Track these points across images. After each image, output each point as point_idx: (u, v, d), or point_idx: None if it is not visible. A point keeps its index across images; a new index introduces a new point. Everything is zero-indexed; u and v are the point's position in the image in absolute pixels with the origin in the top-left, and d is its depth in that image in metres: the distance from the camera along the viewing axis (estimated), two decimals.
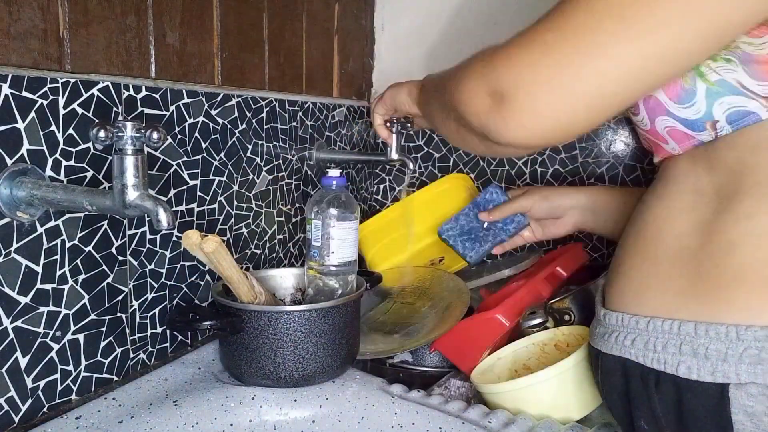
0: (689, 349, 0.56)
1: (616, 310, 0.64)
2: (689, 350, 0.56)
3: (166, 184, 0.80)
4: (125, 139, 0.55)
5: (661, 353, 0.58)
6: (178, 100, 0.81)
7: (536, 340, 0.88)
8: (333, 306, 0.77)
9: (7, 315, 0.62)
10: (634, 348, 0.60)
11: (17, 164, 0.61)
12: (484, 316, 0.88)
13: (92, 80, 0.68)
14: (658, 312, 0.59)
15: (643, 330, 0.60)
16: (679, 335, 0.57)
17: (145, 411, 0.68)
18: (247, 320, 0.74)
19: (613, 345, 0.63)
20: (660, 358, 0.58)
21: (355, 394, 0.77)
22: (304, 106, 1.11)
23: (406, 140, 1.36)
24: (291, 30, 1.06)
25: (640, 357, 0.60)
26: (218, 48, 0.88)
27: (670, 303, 0.59)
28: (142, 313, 0.78)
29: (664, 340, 0.58)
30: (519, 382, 0.75)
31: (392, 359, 0.98)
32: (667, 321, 0.58)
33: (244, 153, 0.95)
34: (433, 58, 1.32)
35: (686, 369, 0.56)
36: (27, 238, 0.63)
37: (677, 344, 0.57)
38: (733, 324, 0.54)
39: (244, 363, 0.76)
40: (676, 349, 0.57)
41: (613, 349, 0.63)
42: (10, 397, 0.63)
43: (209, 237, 0.68)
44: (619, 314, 0.63)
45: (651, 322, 0.59)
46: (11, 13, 0.59)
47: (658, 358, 0.58)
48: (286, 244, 1.10)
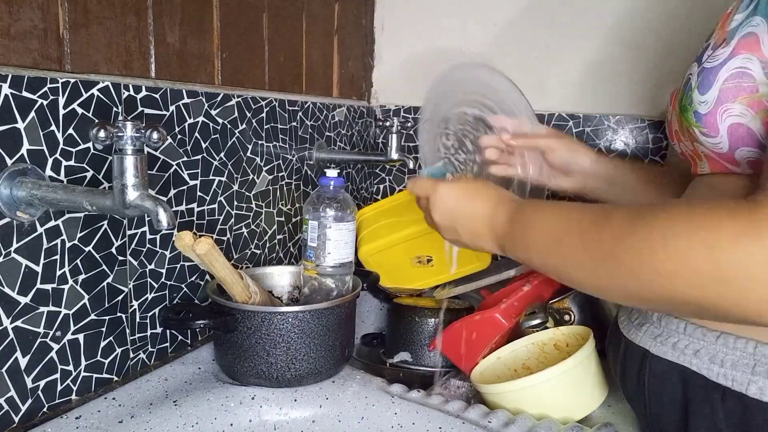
0: (764, 370, 0.54)
1: (677, 317, 0.62)
2: (764, 371, 0.54)
3: (166, 184, 0.80)
4: (125, 139, 0.55)
5: (729, 369, 0.56)
6: (178, 100, 0.81)
7: (536, 339, 0.88)
8: (327, 307, 0.77)
9: (7, 315, 0.62)
10: (698, 359, 0.58)
11: (17, 164, 0.61)
12: (484, 316, 0.88)
13: (92, 80, 0.68)
14: (729, 328, 0.57)
15: (711, 343, 0.57)
16: (753, 355, 0.55)
17: (145, 411, 0.68)
18: (241, 320, 0.74)
19: (670, 351, 0.61)
20: (728, 374, 0.56)
21: (355, 394, 0.77)
22: (304, 106, 1.11)
23: (406, 140, 1.36)
24: (291, 30, 1.06)
25: (703, 369, 0.58)
26: (218, 48, 0.88)
27: None
28: (142, 313, 0.78)
29: (735, 357, 0.56)
30: (519, 383, 0.75)
31: (392, 359, 0.98)
32: (741, 339, 0.55)
33: (244, 153, 0.95)
34: (434, 58, 1.32)
35: (757, 389, 0.54)
36: (27, 238, 0.63)
37: (750, 364, 0.55)
38: None
39: (237, 362, 0.76)
40: (749, 369, 0.55)
41: (670, 355, 0.61)
42: (10, 397, 0.63)
43: (202, 239, 0.68)
44: (681, 321, 0.61)
45: (722, 336, 0.57)
46: (11, 13, 0.59)
47: (725, 374, 0.56)
48: (286, 244, 1.10)
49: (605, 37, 1.18)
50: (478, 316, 0.88)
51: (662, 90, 1.16)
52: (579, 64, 1.21)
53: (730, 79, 0.54)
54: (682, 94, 0.61)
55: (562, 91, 1.23)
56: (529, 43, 1.23)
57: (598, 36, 1.19)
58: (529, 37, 1.23)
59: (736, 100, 0.54)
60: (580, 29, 1.19)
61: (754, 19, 0.54)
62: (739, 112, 0.54)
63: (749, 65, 0.53)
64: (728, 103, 0.55)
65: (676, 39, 1.13)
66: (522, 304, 0.89)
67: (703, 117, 0.57)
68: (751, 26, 0.54)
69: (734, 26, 0.56)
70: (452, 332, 0.89)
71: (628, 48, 1.17)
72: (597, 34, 1.19)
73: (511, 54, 1.25)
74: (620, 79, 1.18)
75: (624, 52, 1.17)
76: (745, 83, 0.54)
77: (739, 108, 0.54)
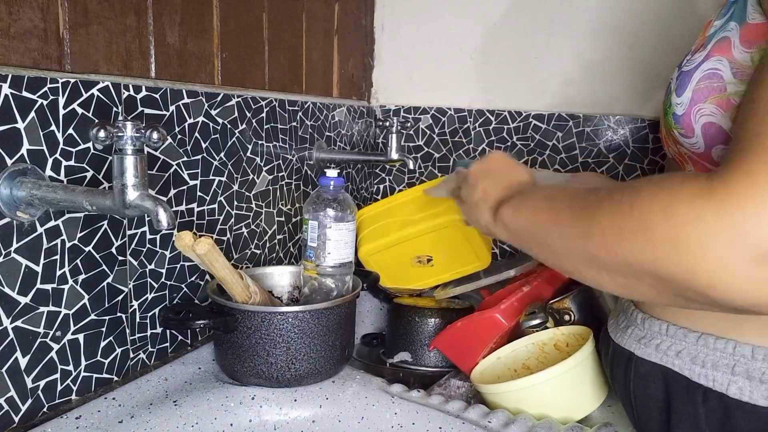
0: (743, 370, 0.55)
1: (659, 318, 0.63)
2: (743, 372, 0.55)
3: (166, 184, 0.80)
4: (125, 139, 0.55)
5: (710, 370, 0.57)
6: (178, 100, 0.81)
7: (536, 339, 0.88)
8: (327, 307, 0.77)
9: (7, 315, 0.62)
10: (680, 360, 0.59)
11: (17, 164, 0.61)
12: (484, 315, 0.88)
13: (92, 80, 0.68)
14: (709, 329, 0.58)
15: (692, 344, 0.59)
16: (733, 356, 0.56)
17: (145, 411, 0.68)
18: (241, 320, 0.74)
19: (653, 352, 0.62)
20: (709, 375, 0.57)
21: (355, 394, 0.77)
22: (304, 106, 1.11)
23: (406, 140, 1.36)
24: (291, 30, 1.06)
25: (685, 370, 0.59)
26: (218, 48, 0.88)
27: (725, 321, 0.57)
28: (142, 313, 0.78)
29: (715, 357, 0.57)
30: (519, 383, 0.75)
31: (392, 359, 0.98)
32: (721, 340, 0.57)
33: (244, 153, 0.95)
34: (434, 58, 1.32)
35: (737, 390, 0.55)
36: (27, 238, 0.63)
37: (730, 364, 0.56)
38: None
39: (237, 362, 0.76)
40: (728, 369, 0.56)
41: (653, 356, 0.62)
42: (10, 397, 0.63)
43: (202, 239, 0.68)
44: (663, 322, 0.62)
45: (702, 337, 0.58)
46: (11, 13, 0.59)
47: (706, 375, 0.57)
48: (286, 244, 1.10)
49: (605, 37, 1.18)
50: (479, 317, 0.88)
51: (662, 90, 1.16)
52: (579, 64, 1.21)
53: (703, 80, 0.56)
54: (665, 98, 0.63)
55: (562, 91, 1.23)
56: (529, 43, 1.23)
57: (598, 36, 1.19)
58: (529, 37, 1.23)
59: (707, 100, 0.55)
60: (580, 29, 1.20)
61: (729, 24, 0.56)
62: (710, 112, 0.55)
63: (720, 66, 0.55)
64: (701, 104, 0.56)
65: (677, 39, 1.13)
66: (522, 304, 0.89)
67: (680, 118, 0.58)
68: (726, 31, 0.56)
69: (712, 32, 0.58)
70: (452, 332, 0.89)
71: (628, 48, 1.17)
72: (597, 34, 1.19)
73: (511, 54, 1.25)
74: (620, 79, 1.18)
75: (624, 52, 1.17)
76: (715, 83, 0.55)
77: (710, 108, 0.55)
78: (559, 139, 1.24)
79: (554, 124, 1.24)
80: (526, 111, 1.26)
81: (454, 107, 1.32)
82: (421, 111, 1.34)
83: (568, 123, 1.23)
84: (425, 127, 1.35)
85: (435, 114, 1.33)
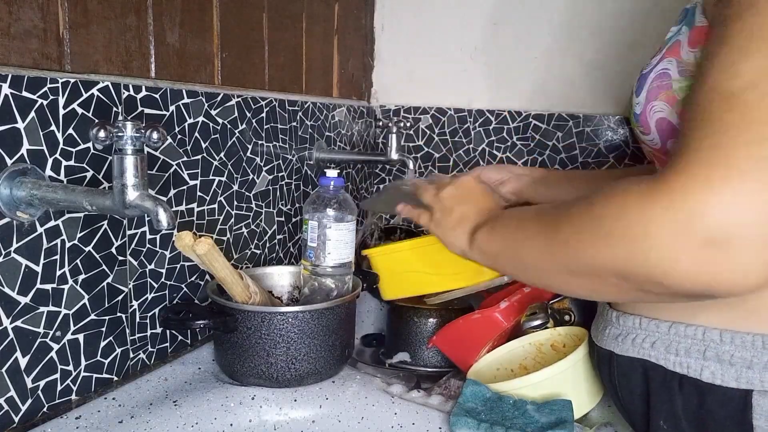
0: (713, 354, 0.57)
1: (632, 313, 0.65)
2: (713, 356, 0.57)
3: (166, 184, 0.80)
4: (125, 139, 0.55)
5: (683, 357, 0.59)
6: (178, 100, 0.81)
7: (533, 340, 0.88)
8: (327, 307, 0.77)
9: (7, 315, 0.62)
10: (655, 350, 0.61)
11: (17, 164, 0.61)
12: (483, 314, 0.88)
13: (92, 80, 0.68)
14: (678, 317, 0.60)
15: (665, 334, 0.61)
16: (703, 341, 0.58)
17: (145, 411, 0.69)
18: (241, 320, 0.74)
19: (630, 347, 0.64)
20: (683, 362, 0.59)
21: (355, 394, 0.77)
22: (304, 106, 1.11)
23: (406, 140, 1.36)
24: (291, 30, 1.06)
25: (661, 360, 0.61)
26: (218, 48, 0.88)
27: (691, 308, 0.59)
28: (142, 313, 0.78)
29: (687, 344, 0.59)
30: (516, 382, 0.75)
31: (392, 359, 0.98)
32: (691, 327, 0.59)
33: (244, 153, 0.95)
34: (434, 58, 1.32)
35: (710, 374, 0.57)
36: (27, 238, 0.63)
37: (701, 350, 0.58)
38: (759, 333, 0.55)
39: (237, 362, 0.76)
40: (700, 355, 0.58)
41: (631, 351, 0.64)
42: (10, 397, 0.63)
43: (202, 239, 0.68)
44: (636, 317, 0.64)
45: (673, 326, 0.60)
46: (11, 13, 0.59)
47: (680, 362, 0.59)
48: (286, 244, 1.10)
49: (605, 37, 1.18)
50: (478, 316, 0.88)
51: None
52: (579, 64, 1.21)
53: (655, 80, 0.60)
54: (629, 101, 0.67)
55: (562, 91, 1.23)
56: (529, 43, 1.23)
57: (597, 36, 1.19)
58: (529, 37, 1.23)
59: (658, 97, 0.59)
60: (579, 29, 1.20)
61: (682, 29, 0.60)
62: (661, 108, 0.59)
63: (669, 66, 0.59)
64: (653, 101, 0.59)
65: None
66: (522, 304, 0.89)
67: (639, 117, 0.61)
68: (679, 35, 0.60)
69: (669, 36, 0.62)
70: (452, 330, 0.89)
71: (627, 48, 1.17)
72: (597, 34, 1.19)
73: (511, 54, 1.25)
74: (620, 79, 1.18)
75: (624, 52, 1.17)
76: (664, 82, 0.59)
77: (660, 104, 0.59)
78: (559, 139, 1.24)
79: (554, 124, 1.24)
80: (526, 111, 1.26)
81: (454, 107, 1.32)
82: (421, 111, 1.34)
83: (568, 123, 1.23)
84: (425, 127, 1.35)
85: (435, 114, 1.33)
